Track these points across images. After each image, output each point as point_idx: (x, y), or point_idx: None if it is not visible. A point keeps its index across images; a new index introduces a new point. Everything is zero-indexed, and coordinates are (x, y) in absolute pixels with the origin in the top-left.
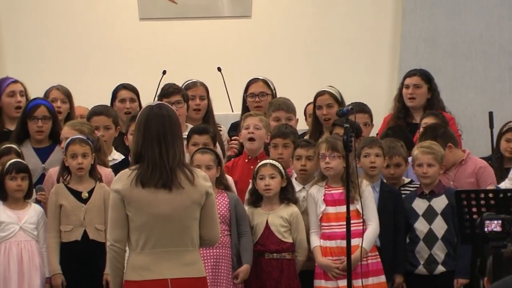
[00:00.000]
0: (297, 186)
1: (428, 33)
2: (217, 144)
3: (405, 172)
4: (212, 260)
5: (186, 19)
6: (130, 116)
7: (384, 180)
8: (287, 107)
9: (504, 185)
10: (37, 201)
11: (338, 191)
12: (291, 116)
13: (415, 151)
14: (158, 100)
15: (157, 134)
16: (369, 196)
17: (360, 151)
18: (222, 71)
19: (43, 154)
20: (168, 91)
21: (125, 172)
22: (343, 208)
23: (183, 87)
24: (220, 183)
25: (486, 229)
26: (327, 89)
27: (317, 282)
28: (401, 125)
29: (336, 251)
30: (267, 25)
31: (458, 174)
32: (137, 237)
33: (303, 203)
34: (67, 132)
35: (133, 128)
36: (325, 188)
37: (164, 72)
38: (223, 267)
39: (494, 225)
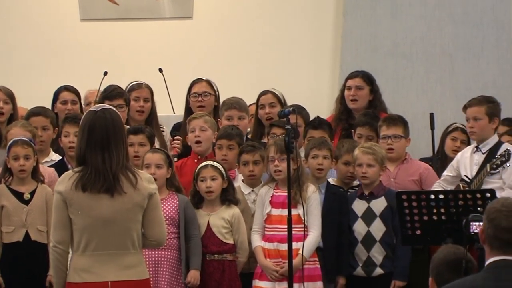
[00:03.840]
0: (246, 189)
1: (369, 34)
2: (156, 144)
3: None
4: (152, 262)
5: (127, 20)
6: (63, 118)
7: (331, 180)
8: (239, 105)
9: (435, 186)
10: None
11: (285, 193)
12: (243, 115)
13: (356, 151)
14: (100, 101)
15: (101, 140)
16: (314, 203)
17: (308, 152)
18: (163, 72)
19: None
20: (111, 94)
21: (68, 174)
22: (286, 212)
23: (127, 88)
24: (171, 185)
25: (472, 231)
26: (270, 89)
27: (255, 282)
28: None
29: (273, 254)
30: (208, 26)
31: (400, 171)
32: (79, 239)
33: (253, 205)
34: (18, 133)
35: (66, 130)
36: (273, 190)
37: (105, 73)
38: (164, 269)
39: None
